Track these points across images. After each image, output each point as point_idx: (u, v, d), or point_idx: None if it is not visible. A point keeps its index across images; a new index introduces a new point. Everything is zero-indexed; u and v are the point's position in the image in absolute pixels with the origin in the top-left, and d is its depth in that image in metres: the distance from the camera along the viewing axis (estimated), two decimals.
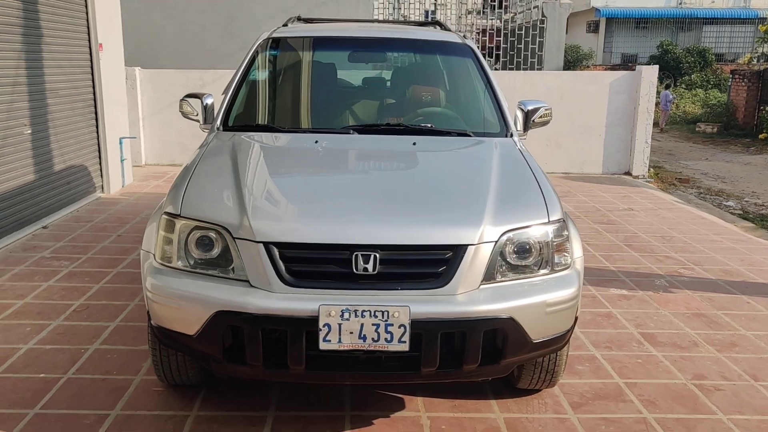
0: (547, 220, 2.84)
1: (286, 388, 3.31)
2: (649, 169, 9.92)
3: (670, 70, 28.72)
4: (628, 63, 30.73)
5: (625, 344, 3.97)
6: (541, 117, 3.98)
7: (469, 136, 3.76)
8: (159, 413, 3.09)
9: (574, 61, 32.05)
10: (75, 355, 3.64)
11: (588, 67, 30.88)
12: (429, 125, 3.86)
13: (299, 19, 5.05)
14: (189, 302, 2.66)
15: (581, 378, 3.54)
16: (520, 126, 3.96)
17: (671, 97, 19.85)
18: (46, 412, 3.07)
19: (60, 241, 5.80)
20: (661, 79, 25.13)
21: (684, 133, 18.26)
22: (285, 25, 4.71)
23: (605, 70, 23.74)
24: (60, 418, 3.02)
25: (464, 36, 4.49)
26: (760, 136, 15.93)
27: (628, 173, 9.78)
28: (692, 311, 4.51)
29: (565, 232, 2.89)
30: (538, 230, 2.81)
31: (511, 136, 3.79)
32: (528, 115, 3.96)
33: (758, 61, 22.49)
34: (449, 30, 4.84)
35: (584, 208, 7.60)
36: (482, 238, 2.67)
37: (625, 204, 7.90)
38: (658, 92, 20.40)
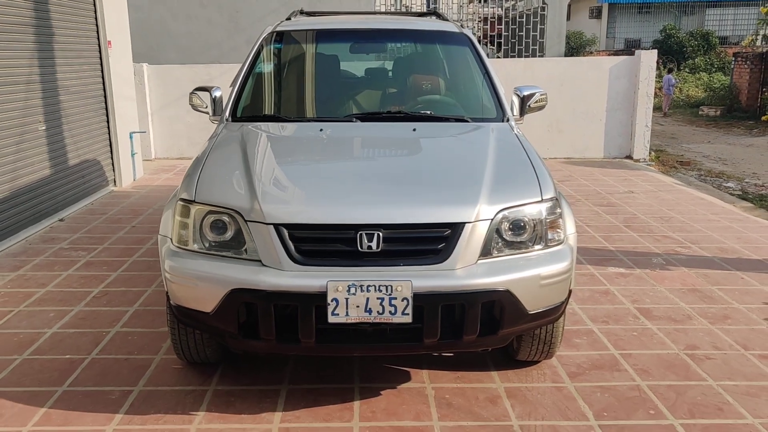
0: (540, 199, 3.01)
1: (299, 363, 3.51)
2: (650, 153, 10.05)
3: (674, 54, 28.71)
4: (631, 48, 30.71)
5: (622, 318, 4.14)
6: (536, 102, 4.14)
7: (467, 121, 3.93)
8: (179, 388, 3.29)
9: (577, 47, 32.07)
10: (97, 338, 3.84)
11: (591, 53, 30.90)
12: (428, 112, 4.03)
13: (302, 12, 5.22)
14: (205, 282, 2.84)
15: (578, 350, 3.72)
16: (516, 111, 4.12)
17: (674, 81, 19.89)
18: (74, 389, 3.27)
19: (77, 232, 6.01)
20: (664, 64, 25.17)
21: (687, 117, 18.33)
22: (288, 18, 4.88)
23: (609, 55, 23.75)
24: (87, 395, 3.22)
25: (461, 25, 4.64)
26: (763, 118, 15.98)
27: (630, 157, 9.91)
28: (687, 287, 4.67)
29: (558, 210, 3.06)
30: (531, 208, 2.98)
31: (508, 120, 3.95)
32: (524, 101, 4.12)
33: (763, 42, 22.48)
34: (447, 20, 5.01)
35: (585, 192, 7.76)
36: (478, 216, 2.84)
37: (625, 187, 8.04)
38: (660, 76, 20.49)
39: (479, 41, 17.62)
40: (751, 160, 11.49)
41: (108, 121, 7.75)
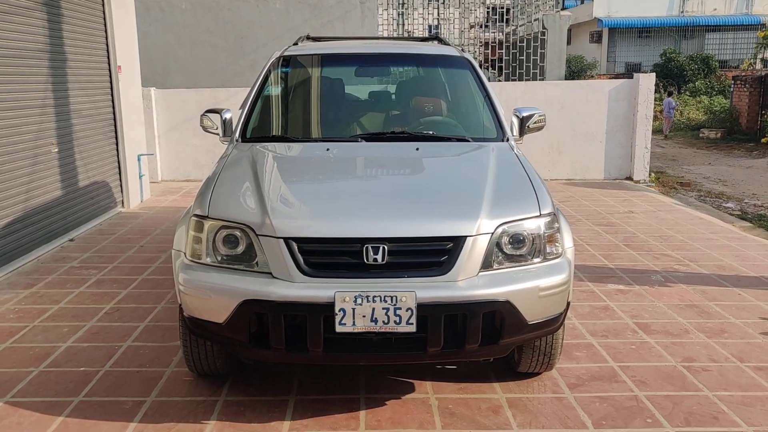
0: (538, 214, 3.14)
1: (306, 374, 3.61)
2: (650, 174, 10.19)
3: (674, 77, 28.98)
4: (632, 72, 31.01)
5: (621, 333, 4.24)
6: (535, 123, 4.29)
7: (468, 141, 4.08)
8: (190, 399, 3.39)
9: (578, 71, 32.39)
10: (110, 351, 3.95)
11: (592, 76, 31.18)
12: (431, 132, 4.18)
13: (308, 38, 5.40)
14: (218, 293, 2.96)
15: (578, 363, 3.81)
16: (516, 131, 4.26)
17: (674, 104, 20.11)
18: (89, 399, 3.38)
19: (87, 252, 6.14)
20: (664, 87, 25.43)
21: (688, 140, 18.50)
22: (295, 44, 5.06)
23: (609, 79, 24.01)
24: (102, 404, 3.33)
25: (462, 49, 4.81)
26: (763, 140, 16.15)
27: (630, 178, 10.05)
28: (685, 302, 4.78)
29: (556, 225, 3.19)
30: (530, 223, 3.10)
31: (508, 140, 4.10)
32: (523, 121, 4.27)
33: (764, 65, 22.72)
34: (448, 44, 5.18)
35: (585, 212, 7.88)
36: (479, 230, 2.97)
37: (625, 207, 8.17)
38: (661, 100, 20.72)
39: (480, 65, 17.92)
40: (750, 181, 11.61)
41: (117, 144, 7.94)
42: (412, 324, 2.82)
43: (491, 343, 3.00)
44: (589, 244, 6.39)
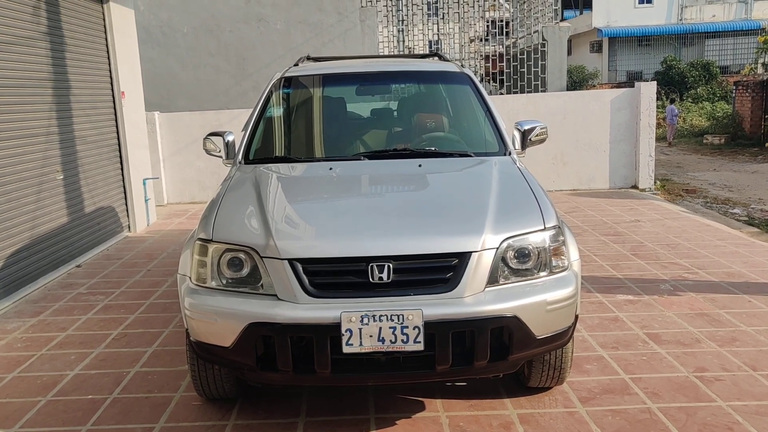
0: (543, 227, 3.12)
1: (315, 395, 3.59)
2: (655, 182, 10.16)
3: (676, 84, 29.02)
4: (633, 80, 31.09)
5: (631, 344, 4.21)
6: (537, 135, 4.28)
7: (471, 156, 4.07)
8: (200, 424, 3.37)
9: (580, 81, 32.47)
10: (118, 378, 3.94)
11: (594, 86, 31.25)
12: (433, 148, 4.18)
13: (308, 58, 5.43)
14: (224, 317, 2.95)
15: (589, 376, 3.78)
16: (518, 145, 4.25)
17: (677, 111, 20.12)
18: (98, 427, 3.37)
19: (94, 278, 6.15)
20: (666, 95, 25.43)
21: (692, 146, 18.47)
22: (296, 64, 5.08)
23: (611, 88, 24.03)
24: None
25: (462, 65, 4.82)
26: (767, 144, 16.10)
27: (635, 187, 10.02)
28: (695, 311, 4.74)
29: (561, 238, 3.17)
30: (535, 236, 3.09)
31: (510, 154, 4.09)
32: (525, 135, 4.26)
33: (765, 70, 22.73)
34: (448, 60, 5.20)
35: (592, 222, 7.85)
36: (484, 245, 2.95)
37: (631, 216, 8.14)
38: (663, 107, 20.73)
39: (482, 79, 17.96)
40: (756, 186, 11.57)
41: (122, 169, 7.97)
42: (419, 342, 2.80)
43: (500, 359, 2.97)
44: (596, 255, 6.36)
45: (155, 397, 3.68)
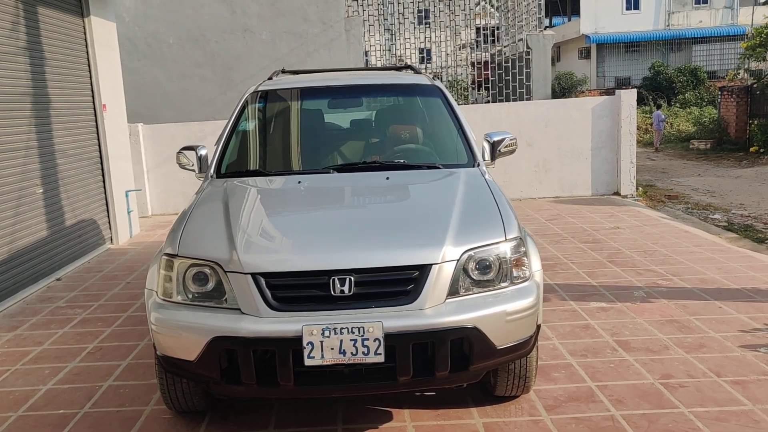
0: (504, 239, 3.17)
1: (284, 407, 3.62)
2: (637, 188, 10.25)
3: (664, 90, 29.22)
4: (622, 86, 31.30)
5: (600, 351, 4.26)
6: (506, 146, 4.34)
7: (439, 168, 4.12)
8: None
9: (569, 87, 32.66)
10: (90, 392, 3.96)
11: (583, 92, 31.43)
12: (402, 161, 4.23)
13: (283, 71, 5.48)
14: (188, 331, 2.99)
15: (556, 384, 3.83)
16: (487, 156, 4.30)
17: (663, 117, 20.27)
18: None
19: (73, 291, 6.17)
20: (654, 100, 25.61)
21: (678, 151, 18.62)
22: (270, 78, 5.13)
23: (600, 94, 24.20)
24: None
25: (434, 77, 4.89)
26: (752, 149, 16.25)
27: (617, 193, 10.11)
28: (666, 318, 4.79)
29: (522, 249, 3.22)
30: (496, 248, 3.13)
31: (478, 165, 4.14)
32: (494, 146, 4.32)
33: (749, 75, 22.93)
34: (420, 73, 5.26)
35: (571, 229, 7.92)
36: (445, 258, 3.00)
37: (611, 223, 8.20)
38: (651, 113, 20.88)
39: (469, 87, 18.03)
40: (738, 191, 11.67)
41: (104, 181, 7.99)
42: (380, 354, 2.84)
43: (461, 370, 3.02)
44: (573, 262, 6.42)
45: (126, 411, 3.71)
